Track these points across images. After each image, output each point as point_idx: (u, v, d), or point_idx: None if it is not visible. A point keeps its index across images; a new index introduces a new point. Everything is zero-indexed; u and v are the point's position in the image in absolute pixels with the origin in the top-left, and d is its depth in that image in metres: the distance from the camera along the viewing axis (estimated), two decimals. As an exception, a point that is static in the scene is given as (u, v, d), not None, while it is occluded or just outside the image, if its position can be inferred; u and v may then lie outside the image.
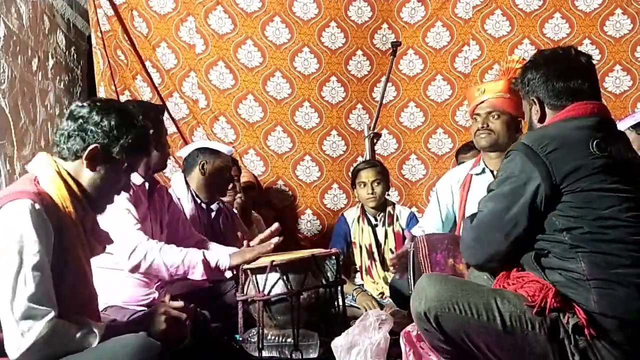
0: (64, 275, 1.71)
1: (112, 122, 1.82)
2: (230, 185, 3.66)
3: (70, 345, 1.64)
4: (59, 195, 1.74)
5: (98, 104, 1.85)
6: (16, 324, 1.58)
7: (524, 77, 2.11)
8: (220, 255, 2.54)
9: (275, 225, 2.72)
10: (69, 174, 1.80)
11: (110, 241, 1.99)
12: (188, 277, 2.51)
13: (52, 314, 1.61)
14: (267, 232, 2.72)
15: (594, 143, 1.88)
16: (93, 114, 1.82)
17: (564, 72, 2.03)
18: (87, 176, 1.83)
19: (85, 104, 1.85)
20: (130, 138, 1.85)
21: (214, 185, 3.32)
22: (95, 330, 1.69)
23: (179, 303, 1.93)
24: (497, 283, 1.97)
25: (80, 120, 1.81)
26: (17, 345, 1.58)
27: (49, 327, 1.59)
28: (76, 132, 1.81)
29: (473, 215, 2.06)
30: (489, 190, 2.01)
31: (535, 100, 2.06)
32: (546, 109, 2.05)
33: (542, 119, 2.06)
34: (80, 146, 1.81)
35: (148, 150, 1.98)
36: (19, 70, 3.04)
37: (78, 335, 1.66)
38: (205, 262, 2.48)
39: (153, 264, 2.44)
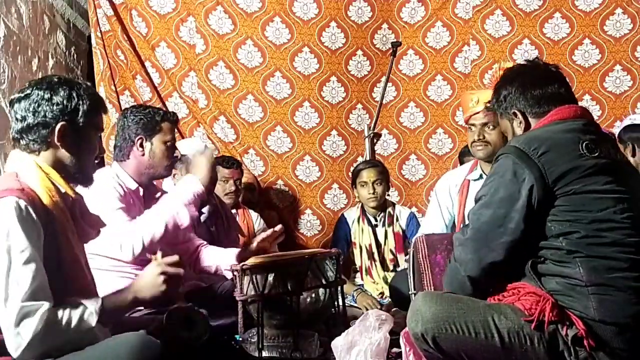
0: (60, 264, 1.70)
1: (63, 94, 1.78)
2: (234, 188, 3.65)
3: (70, 332, 1.63)
4: (43, 185, 1.72)
5: (35, 85, 1.80)
6: (12, 324, 1.58)
7: (498, 95, 2.09)
8: (191, 185, 2.50)
9: (279, 226, 2.72)
10: (47, 163, 1.77)
11: (103, 224, 1.96)
12: (181, 225, 2.47)
13: (46, 306, 1.60)
14: (270, 231, 2.72)
15: (584, 144, 1.86)
16: (40, 95, 1.77)
17: (539, 79, 2.03)
18: (65, 156, 1.80)
19: (23, 92, 1.79)
20: (86, 100, 1.81)
21: None
22: (92, 308, 1.68)
23: (173, 258, 1.86)
24: (492, 296, 1.93)
25: (32, 108, 1.76)
26: (16, 344, 1.58)
27: (42, 321, 1.59)
28: (35, 121, 1.76)
29: (463, 229, 2.00)
30: (479, 198, 1.95)
31: (516, 112, 2.03)
32: (529, 118, 2.03)
33: (527, 129, 2.03)
34: (46, 131, 1.77)
35: (104, 105, 1.94)
36: (19, 70, 3.04)
37: (75, 319, 1.64)
38: (186, 204, 2.45)
39: (145, 241, 2.42)
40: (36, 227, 1.65)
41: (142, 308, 2.49)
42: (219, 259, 2.77)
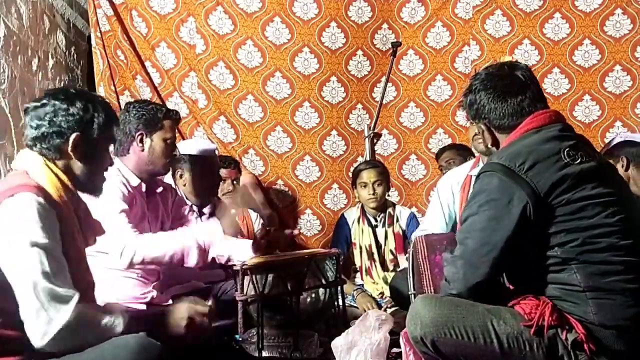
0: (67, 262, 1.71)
1: (79, 105, 1.81)
2: (231, 188, 3.65)
3: (96, 332, 1.63)
4: (53, 186, 1.74)
5: (52, 95, 1.83)
6: (43, 311, 1.57)
7: (466, 101, 2.08)
8: (218, 234, 2.51)
9: (296, 231, 2.79)
10: (58, 168, 1.80)
11: (103, 232, 1.98)
12: (184, 264, 2.46)
13: (77, 296, 1.61)
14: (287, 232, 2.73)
15: (565, 152, 1.86)
16: (57, 105, 1.80)
17: (505, 93, 1.99)
18: (77, 166, 1.83)
19: (39, 101, 1.82)
20: (102, 113, 1.84)
21: (198, 191, 3.22)
22: (120, 319, 1.68)
23: (204, 308, 1.85)
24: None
25: (48, 117, 1.79)
26: (43, 332, 1.57)
27: (77, 311, 1.59)
28: (50, 129, 1.79)
29: (452, 248, 1.98)
30: (466, 217, 1.93)
31: (483, 126, 2.04)
32: (496, 133, 2.02)
33: (494, 143, 2.04)
34: (60, 140, 1.79)
35: (118, 118, 1.97)
36: (19, 70, 3.04)
37: (103, 323, 1.65)
38: (200, 247, 2.44)
39: (145, 258, 2.42)
40: (53, 222, 1.67)
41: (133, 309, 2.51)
42: (231, 249, 2.77)
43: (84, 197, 1.93)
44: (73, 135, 1.79)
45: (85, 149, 1.82)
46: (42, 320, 1.57)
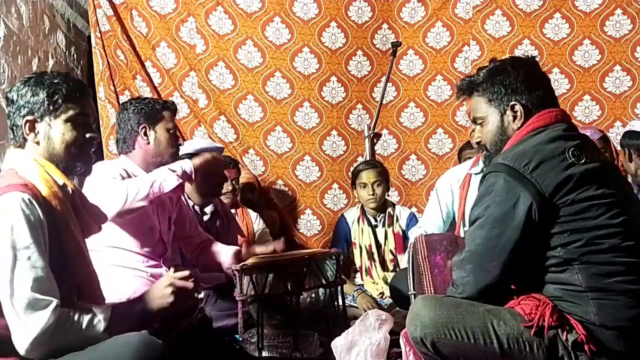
0: (64, 255, 1.71)
1: (25, 92, 1.79)
2: (231, 188, 3.66)
3: (77, 335, 1.63)
4: (41, 178, 1.72)
5: (10, 90, 1.83)
6: (18, 318, 1.57)
7: (493, 81, 1.97)
8: (183, 162, 2.54)
9: (280, 246, 2.76)
10: (42, 160, 1.78)
11: (105, 218, 1.96)
12: (164, 191, 2.45)
13: (55, 302, 1.60)
14: (271, 248, 2.74)
15: (570, 152, 1.84)
16: (11, 97, 1.80)
17: (532, 75, 1.97)
18: (49, 149, 1.79)
19: (7, 96, 1.83)
20: (41, 92, 1.79)
21: (202, 190, 3.22)
22: (101, 316, 1.67)
23: (184, 273, 1.84)
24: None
25: (9, 109, 1.80)
26: (23, 338, 1.57)
27: (53, 317, 1.59)
28: (15, 118, 1.79)
29: (460, 251, 1.96)
30: (474, 219, 1.91)
31: (515, 105, 1.94)
32: (523, 115, 1.94)
33: (522, 125, 1.94)
34: (20, 131, 1.79)
35: (79, 88, 1.87)
36: (19, 70, 3.04)
37: (84, 323, 1.64)
38: (174, 172, 2.47)
39: (130, 193, 2.40)
40: (40, 221, 1.65)
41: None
42: (219, 255, 2.79)
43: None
44: (23, 120, 1.78)
45: (43, 133, 1.79)
46: (18, 328, 1.58)
